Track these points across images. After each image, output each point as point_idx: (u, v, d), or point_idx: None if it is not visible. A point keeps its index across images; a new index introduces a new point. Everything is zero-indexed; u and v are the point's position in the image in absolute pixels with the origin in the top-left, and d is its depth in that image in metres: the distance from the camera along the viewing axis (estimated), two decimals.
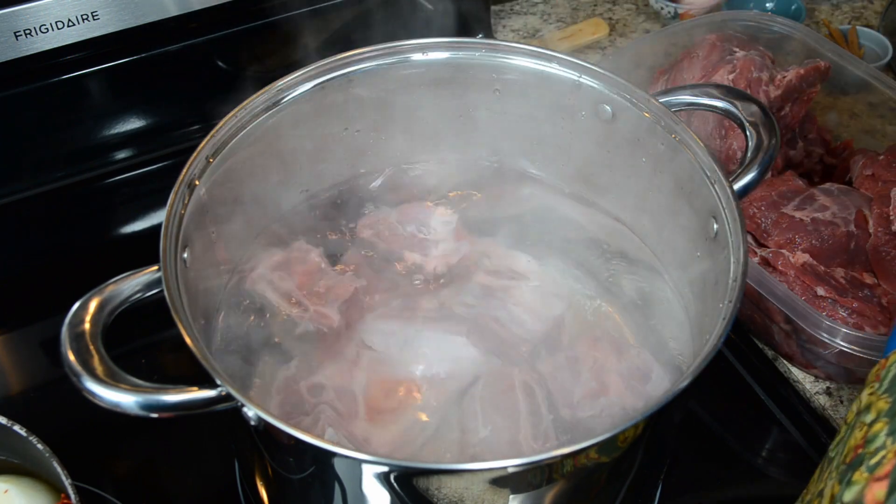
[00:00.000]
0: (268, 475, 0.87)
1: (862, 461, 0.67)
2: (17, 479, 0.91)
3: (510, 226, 1.06)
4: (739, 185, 0.88)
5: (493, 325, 0.93)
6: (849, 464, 0.69)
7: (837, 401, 1.09)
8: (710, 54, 1.25)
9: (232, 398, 0.70)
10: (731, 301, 0.78)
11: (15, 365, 1.16)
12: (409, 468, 0.71)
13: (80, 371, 0.69)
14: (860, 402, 0.75)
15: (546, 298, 0.95)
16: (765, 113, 0.92)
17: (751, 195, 1.13)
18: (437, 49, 1.00)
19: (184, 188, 0.84)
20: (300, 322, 0.92)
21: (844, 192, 1.14)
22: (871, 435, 0.69)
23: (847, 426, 0.75)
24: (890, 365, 0.73)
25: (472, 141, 1.09)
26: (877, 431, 0.68)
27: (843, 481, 0.68)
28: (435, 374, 0.92)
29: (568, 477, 0.75)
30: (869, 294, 1.06)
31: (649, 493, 0.99)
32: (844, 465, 0.70)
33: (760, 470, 1.08)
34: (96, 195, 1.31)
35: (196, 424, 0.93)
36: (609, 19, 1.61)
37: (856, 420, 0.73)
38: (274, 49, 1.27)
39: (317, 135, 1.01)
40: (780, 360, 1.13)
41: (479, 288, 0.97)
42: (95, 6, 1.13)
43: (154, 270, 0.77)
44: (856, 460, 0.68)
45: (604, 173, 1.04)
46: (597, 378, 0.88)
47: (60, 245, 1.28)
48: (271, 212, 1.02)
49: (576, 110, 1.01)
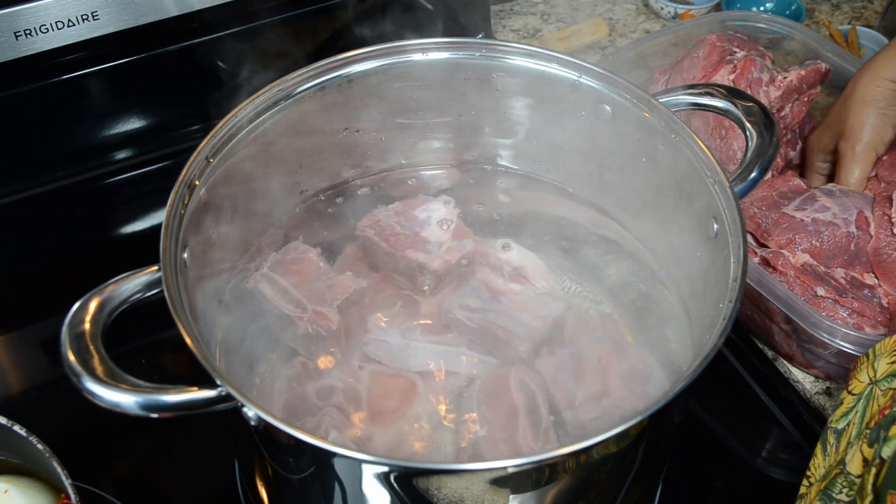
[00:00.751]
0: (268, 475, 0.87)
1: (894, 420, 0.69)
2: (17, 479, 0.91)
3: (510, 225, 1.07)
4: (739, 185, 0.88)
5: (493, 326, 0.93)
6: (878, 424, 0.71)
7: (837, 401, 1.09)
8: (711, 54, 1.25)
9: (232, 398, 0.70)
10: (731, 301, 0.78)
11: (15, 365, 1.16)
12: (409, 468, 0.71)
13: (80, 371, 0.69)
14: (873, 370, 0.77)
15: (546, 299, 0.95)
16: (765, 113, 0.92)
17: (751, 195, 1.13)
18: (437, 49, 1.00)
19: (184, 188, 0.84)
20: (300, 322, 0.92)
21: (845, 192, 1.14)
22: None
23: (854, 397, 0.77)
24: None
25: (472, 141, 1.09)
26: None
27: (876, 441, 0.70)
28: (435, 375, 0.92)
29: (568, 477, 0.75)
30: (869, 294, 1.06)
31: (649, 493, 0.99)
32: (869, 430, 0.72)
33: (760, 470, 1.08)
34: (96, 195, 1.31)
35: (196, 424, 0.93)
36: (609, 19, 1.61)
37: (870, 389, 0.75)
38: (274, 49, 1.27)
39: (317, 135, 1.01)
40: (780, 360, 1.13)
41: (479, 288, 0.97)
42: (95, 6, 1.13)
43: (154, 270, 0.77)
44: (886, 419, 0.70)
45: (604, 173, 1.04)
46: (597, 379, 0.88)
47: (60, 245, 1.28)
48: (271, 212, 1.02)
49: (576, 110, 1.01)
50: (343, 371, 0.91)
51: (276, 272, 0.95)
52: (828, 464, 0.81)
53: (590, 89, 0.98)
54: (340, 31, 1.33)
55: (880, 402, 0.74)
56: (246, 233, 0.99)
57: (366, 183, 1.09)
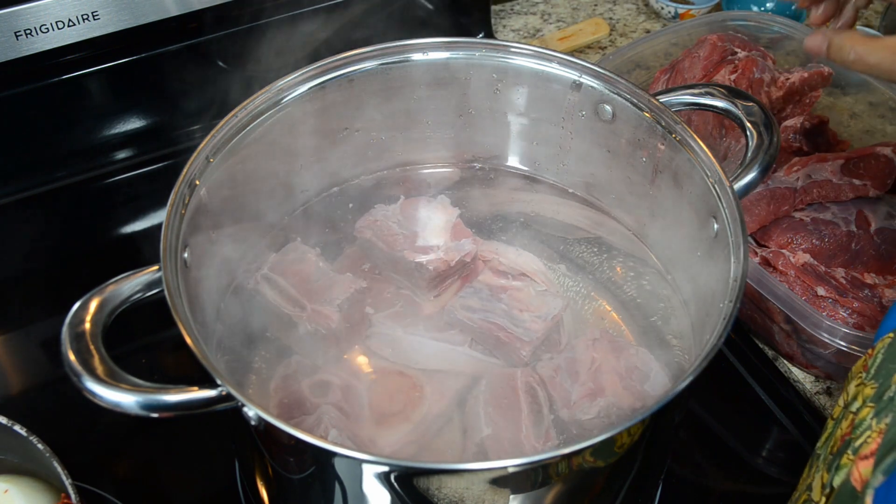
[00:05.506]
0: (268, 475, 0.87)
1: (848, 446, 0.68)
2: (17, 479, 0.91)
3: (510, 225, 1.07)
4: (739, 185, 0.88)
5: (494, 327, 0.93)
6: (836, 452, 0.70)
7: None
8: (711, 54, 1.25)
9: (232, 398, 0.70)
10: (731, 301, 0.78)
11: (15, 365, 1.16)
12: (410, 468, 0.71)
13: (81, 371, 0.69)
14: (847, 394, 0.75)
15: (546, 298, 0.95)
16: (765, 113, 0.92)
17: (751, 195, 1.13)
18: (437, 49, 1.00)
19: (184, 188, 0.84)
20: (300, 322, 0.92)
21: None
22: (858, 420, 0.70)
23: (834, 422, 0.76)
24: (876, 353, 0.74)
25: (472, 141, 1.09)
26: (863, 417, 0.69)
27: (830, 469, 0.69)
28: (437, 376, 0.92)
29: (568, 477, 0.75)
30: (869, 294, 1.06)
31: (649, 493, 0.99)
32: (831, 455, 0.71)
33: (760, 470, 1.08)
34: (96, 195, 1.31)
35: (196, 424, 0.93)
36: (609, 19, 1.61)
37: (843, 413, 0.74)
38: (274, 49, 1.27)
39: (317, 135, 1.01)
40: (781, 359, 1.13)
41: (479, 288, 0.96)
42: (95, 6, 1.13)
43: (154, 270, 0.77)
44: (843, 447, 0.69)
45: (604, 173, 1.04)
46: (596, 378, 0.88)
47: (60, 245, 1.28)
48: (271, 212, 1.02)
49: (576, 110, 1.01)
50: (345, 372, 0.91)
51: (276, 272, 0.95)
52: (800, 487, 0.80)
53: (590, 89, 0.98)
54: (340, 30, 1.33)
55: (843, 428, 0.72)
56: (246, 233, 0.99)
57: (366, 183, 1.09)
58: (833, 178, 1.13)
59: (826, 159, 1.14)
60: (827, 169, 1.13)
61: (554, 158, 1.07)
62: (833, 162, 1.14)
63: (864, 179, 1.13)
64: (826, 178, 1.13)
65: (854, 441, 0.68)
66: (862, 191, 1.13)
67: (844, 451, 0.69)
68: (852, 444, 0.68)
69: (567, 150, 1.06)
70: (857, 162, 1.14)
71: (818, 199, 1.13)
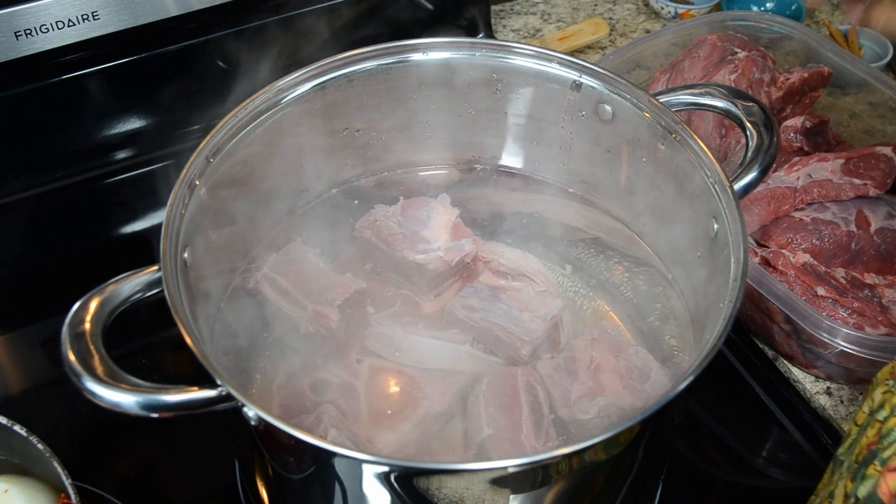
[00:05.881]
0: (268, 475, 0.87)
1: (875, 456, 0.68)
2: (17, 479, 0.91)
3: (510, 225, 1.07)
4: (739, 185, 0.88)
5: (495, 327, 0.93)
6: (861, 461, 0.69)
7: (838, 401, 1.09)
8: (711, 54, 1.25)
9: (232, 398, 0.70)
10: (731, 301, 0.78)
11: (15, 365, 1.16)
12: (410, 468, 0.70)
13: (81, 371, 0.69)
14: (872, 401, 0.75)
15: (546, 298, 0.95)
16: (765, 113, 0.92)
17: (751, 195, 1.13)
18: (437, 49, 1.00)
19: (184, 188, 0.84)
20: (300, 322, 0.92)
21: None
22: (886, 430, 0.69)
23: (858, 428, 0.75)
24: None
25: (472, 141, 1.09)
26: (892, 427, 0.69)
27: (856, 478, 0.69)
28: (437, 375, 0.92)
29: (568, 477, 0.75)
30: (869, 294, 1.06)
31: (649, 493, 0.99)
32: (857, 464, 0.70)
33: (761, 470, 1.08)
34: (96, 195, 1.31)
35: (196, 424, 0.93)
36: (609, 19, 1.61)
37: (868, 419, 0.73)
38: (274, 49, 1.27)
39: (317, 135, 1.01)
40: (781, 360, 1.13)
41: (479, 288, 0.96)
42: (95, 6, 1.13)
43: (154, 270, 0.77)
44: (869, 456, 0.69)
45: (604, 173, 1.04)
46: (595, 377, 0.88)
47: (60, 245, 1.28)
48: (271, 212, 1.02)
49: (576, 110, 1.01)
50: (346, 372, 0.91)
51: (276, 272, 0.95)
52: (821, 493, 0.79)
53: (590, 89, 0.98)
54: (340, 30, 1.33)
55: (869, 436, 0.72)
56: (246, 233, 0.99)
57: (366, 183, 1.09)
58: (833, 177, 1.13)
59: (826, 159, 1.14)
60: (827, 169, 1.13)
61: (554, 158, 1.07)
62: (833, 162, 1.14)
63: (865, 179, 1.13)
64: (826, 177, 1.13)
65: (882, 451, 0.67)
66: (862, 190, 1.13)
67: (871, 461, 0.68)
68: (880, 454, 0.67)
69: (567, 150, 1.06)
70: (858, 162, 1.14)
71: (818, 198, 1.13)
